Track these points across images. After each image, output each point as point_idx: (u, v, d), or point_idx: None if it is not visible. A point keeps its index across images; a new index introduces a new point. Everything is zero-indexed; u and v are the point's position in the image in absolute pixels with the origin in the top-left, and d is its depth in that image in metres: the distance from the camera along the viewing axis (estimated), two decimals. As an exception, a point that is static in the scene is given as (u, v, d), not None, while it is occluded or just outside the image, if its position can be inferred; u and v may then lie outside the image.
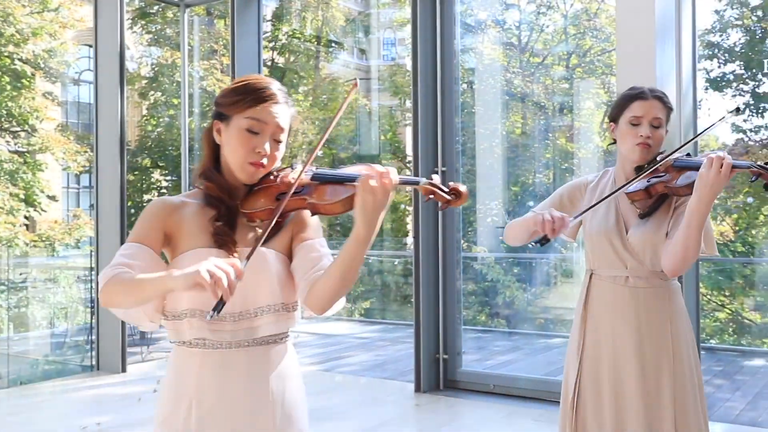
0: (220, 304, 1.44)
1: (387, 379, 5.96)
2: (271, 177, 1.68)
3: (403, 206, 10.56)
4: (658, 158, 2.27)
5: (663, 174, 2.21)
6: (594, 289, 2.35)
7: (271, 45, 11.98)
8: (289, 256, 1.69)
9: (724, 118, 2.20)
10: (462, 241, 8.87)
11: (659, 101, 2.30)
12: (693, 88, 4.53)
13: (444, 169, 5.38)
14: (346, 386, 5.84)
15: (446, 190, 1.55)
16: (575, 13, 10.80)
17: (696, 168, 2.10)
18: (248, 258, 1.52)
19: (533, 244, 2.25)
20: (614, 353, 2.29)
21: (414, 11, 5.35)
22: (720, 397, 5.40)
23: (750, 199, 8.82)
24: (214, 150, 1.71)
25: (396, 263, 11.18)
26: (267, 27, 11.88)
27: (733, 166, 2.00)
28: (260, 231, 1.62)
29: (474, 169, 9.12)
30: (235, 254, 1.60)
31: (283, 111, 1.67)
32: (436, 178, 1.56)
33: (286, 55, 12.07)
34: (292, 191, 1.58)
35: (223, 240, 1.62)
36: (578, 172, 9.19)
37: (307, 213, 1.67)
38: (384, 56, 11.94)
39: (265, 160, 1.65)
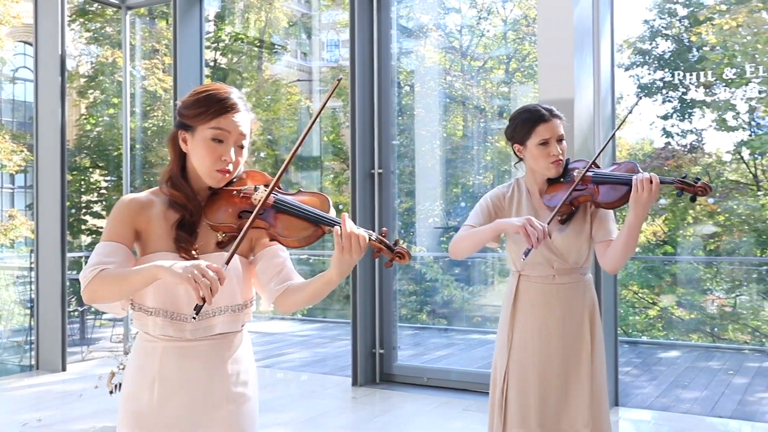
0: (200, 307, 1.58)
1: (326, 374, 6.09)
2: (234, 192, 1.79)
3: (341, 207, 10.68)
4: (570, 167, 2.52)
5: (584, 188, 2.43)
6: (522, 288, 2.55)
7: (213, 45, 11.97)
8: (247, 256, 1.85)
9: (630, 113, 2.49)
10: (402, 242, 9.07)
11: (558, 119, 2.52)
12: (612, 94, 4.78)
13: (381, 170, 5.54)
14: (286, 381, 5.95)
15: (395, 250, 1.72)
16: (515, 19, 11.05)
17: (614, 183, 2.37)
18: (227, 263, 1.66)
19: (523, 257, 2.40)
20: (541, 344, 2.51)
21: (352, 14, 5.50)
22: (637, 385, 5.72)
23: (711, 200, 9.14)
24: (180, 157, 1.81)
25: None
26: (210, 27, 11.87)
27: (661, 182, 2.26)
28: (222, 237, 1.78)
29: (414, 171, 9.31)
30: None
31: (245, 118, 1.78)
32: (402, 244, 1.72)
33: (229, 56, 12.07)
34: (255, 213, 1.70)
35: (184, 248, 1.74)
36: (516, 174, 9.45)
37: None
38: (327, 58, 12.04)
39: (230, 167, 1.77)
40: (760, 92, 8.15)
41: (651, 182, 2.25)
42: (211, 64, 11.99)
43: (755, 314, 8.62)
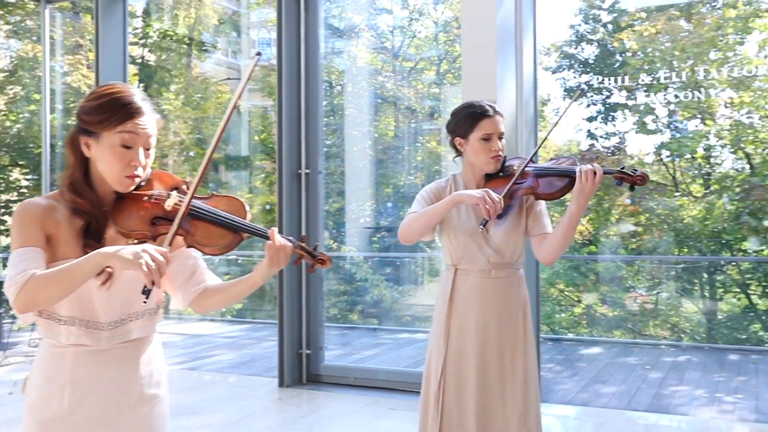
0: (149, 291, 1.55)
1: (253, 376, 6.02)
2: (144, 198, 1.73)
3: (269, 206, 10.60)
4: (506, 164, 2.58)
5: (523, 181, 2.49)
6: (459, 283, 2.58)
7: (141, 42, 11.71)
8: None
9: (569, 106, 2.59)
10: (332, 242, 9.05)
11: (500, 116, 2.58)
12: (534, 96, 4.88)
13: (308, 171, 5.52)
14: (211, 383, 5.87)
15: (316, 256, 1.78)
16: (446, 21, 11.17)
17: (555, 175, 2.44)
18: (170, 244, 1.64)
19: (481, 228, 2.45)
20: (479, 338, 2.54)
21: (279, 13, 5.46)
22: (559, 381, 5.86)
23: (628, 200, 9.40)
24: (82, 162, 1.73)
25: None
26: (138, 23, 11.61)
27: (604, 172, 2.35)
28: (134, 243, 1.70)
29: (344, 171, 9.31)
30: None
31: (151, 120, 1.72)
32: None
33: (158, 53, 11.83)
34: (177, 225, 1.66)
35: None
36: (446, 174, 9.55)
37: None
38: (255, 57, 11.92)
39: (140, 170, 1.72)
40: (676, 96, 8.45)
41: (594, 173, 2.34)
42: (139, 60, 11.74)
43: (675, 310, 8.95)
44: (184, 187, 1.79)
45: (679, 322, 8.89)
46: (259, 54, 1.78)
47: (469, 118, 2.55)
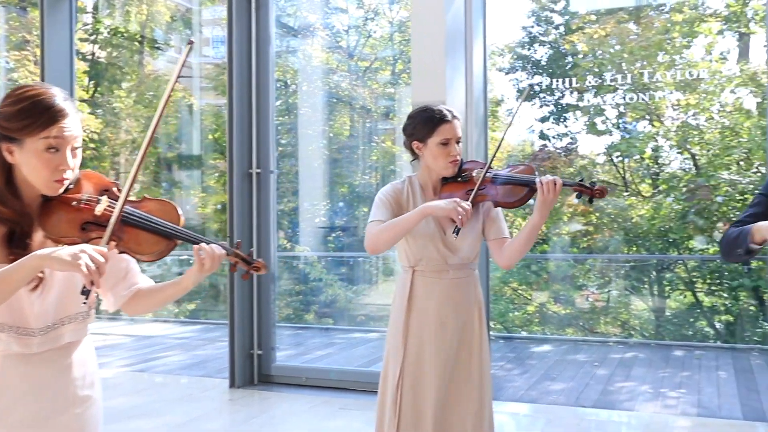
0: (88, 291, 1.51)
1: (204, 377, 5.96)
2: (74, 202, 1.68)
3: (221, 206, 10.52)
4: (464, 167, 2.62)
5: (482, 187, 2.52)
6: (417, 284, 2.60)
7: (92, 38, 11.50)
8: None
9: (519, 106, 2.66)
10: (286, 242, 9.02)
11: (457, 120, 2.59)
12: (484, 96, 4.93)
13: (259, 170, 5.49)
14: (162, 385, 5.79)
15: (252, 263, 1.80)
16: (401, 21, 11.19)
17: (515, 184, 2.48)
18: (107, 242, 1.60)
19: (454, 236, 2.45)
20: (437, 338, 2.57)
21: (229, 11, 5.40)
22: (510, 379, 5.94)
23: (575, 200, 9.54)
24: (4, 168, 1.66)
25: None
26: (88, 19, 11.39)
27: (563, 184, 2.40)
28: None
29: (298, 170, 9.27)
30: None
31: (75, 121, 1.66)
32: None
33: (108, 50, 11.63)
34: (109, 234, 1.62)
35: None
36: (402, 173, 9.59)
37: None
38: (210, 55, 11.80)
39: (68, 173, 1.66)
40: (625, 98, 8.61)
41: (555, 184, 2.38)
42: (89, 57, 11.52)
43: (624, 308, 9.12)
44: (115, 189, 1.74)
45: (629, 319, 9.07)
46: (191, 42, 1.74)
47: (427, 123, 2.56)
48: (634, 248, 9.14)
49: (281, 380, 5.49)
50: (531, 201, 2.53)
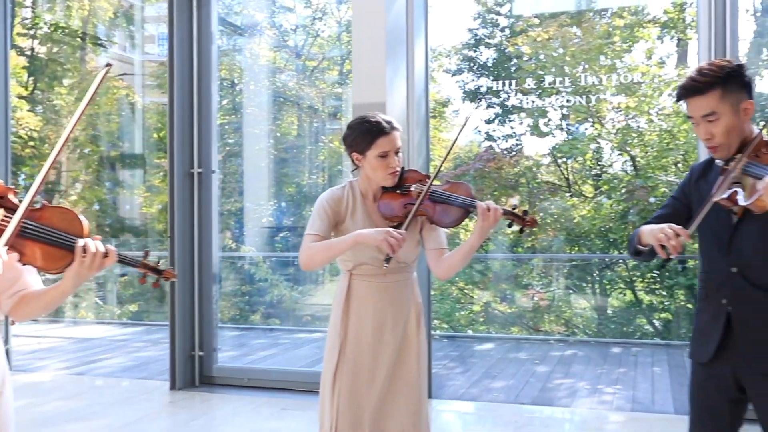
0: None
1: (145, 379, 5.88)
2: None
3: (164, 207, 10.38)
4: (404, 176, 2.64)
5: (421, 203, 2.54)
6: (355, 287, 2.62)
7: (31, 33, 11.23)
8: None
9: (465, 124, 2.68)
10: (231, 242, 8.94)
11: (396, 131, 2.60)
12: (425, 98, 4.97)
13: (200, 170, 5.43)
14: (101, 388, 5.69)
15: (161, 271, 1.77)
16: (349, 21, 11.18)
17: (452, 204, 2.52)
18: (6, 244, 1.56)
19: (385, 265, 2.47)
20: (374, 340, 2.60)
21: (170, 9, 5.34)
22: (451, 377, 6.00)
23: (514, 201, 9.67)
24: None
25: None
26: (27, 13, 11.12)
27: (503, 213, 2.45)
28: None
29: (245, 170, 9.20)
30: None
31: None
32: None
33: (49, 45, 11.36)
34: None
35: None
36: (349, 174, 9.54)
37: None
38: (154, 52, 11.63)
39: None
40: (568, 100, 8.78)
41: (496, 213, 2.43)
42: (29, 53, 11.25)
43: (568, 307, 9.30)
44: (11, 196, 1.68)
45: (572, 317, 9.24)
46: (108, 65, 1.72)
47: (366, 135, 2.57)
48: (577, 248, 9.32)
49: (223, 381, 5.45)
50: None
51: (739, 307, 2.14)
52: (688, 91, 2.11)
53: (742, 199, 1.96)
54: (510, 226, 2.51)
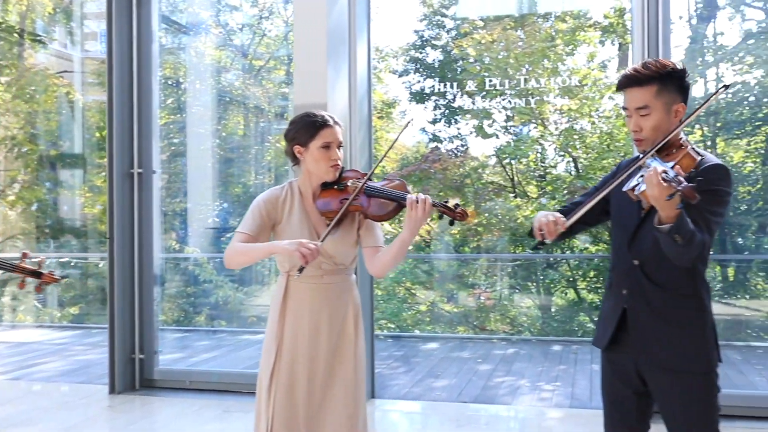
0: None
1: (84, 384, 5.77)
2: None
3: (102, 207, 10.18)
4: (343, 175, 2.66)
5: (356, 198, 2.55)
6: (292, 288, 2.62)
7: (-35, 28, 10.87)
8: None
9: (400, 134, 2.73)
10: (175, 243, 8.81)
11: (339, 126, 2.64)
12: (368, 99, 4.99)
13: (140, 170, 5.35)
14: (38, 393, 5.56)
15: (41, 274, 1.69)
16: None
17: (386, 198, 2.52)
18: None
19: (297, 274, 2.46)
20: (310, 343, 2.60)
21: (109, 4, 5.24)
22: (394, 377, 6.04)
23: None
24: None
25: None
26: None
27: (432, 204, 2.44)
28: None
29: (189, 170, 9.08)
30: None
31: None
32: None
33: (-16, 41, 11.02)
34: None
35: None
36: (294, 174, 9.51)
37: None
38: (97, 49, 11.39)
39: None
40: (512, 102, 8.90)
41: (424, 203, 2.42)
42: (-38, 48, 10.89)
43: (513, 306, 9.43)
44: None
45: (517, 316, 9.38)
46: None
47: (309, 127, 2.59)
48: (521, 248, 9.46)
49: (164, 384, 5.37)
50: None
51: (635, 300, 2.22)
52: (629, 80, 2.19)
53: (639, 189, 2.01)
54: (441, 218, 2.51)
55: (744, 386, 5.42)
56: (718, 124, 8.10)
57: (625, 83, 2.20)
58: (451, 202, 2.53)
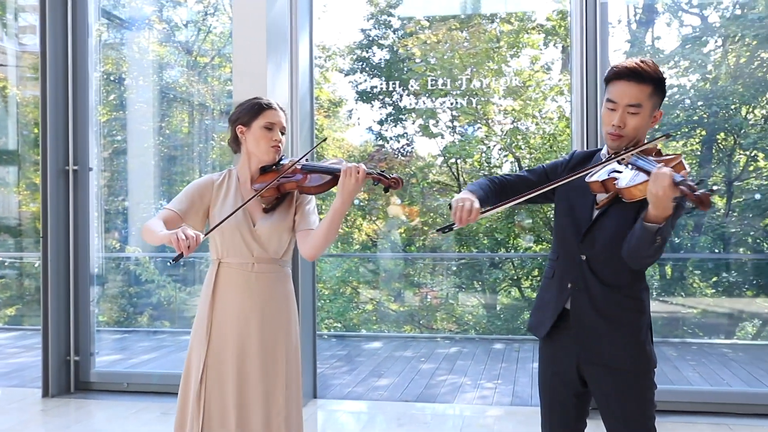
0: None
1: (16, 387, 5.59)
2: None
3: (37, 205, 9.92)
4: (281, 162, 2.65)
5: (292, 175, 2.54)
6: (222, 276, 2.58)
7: None
8: None
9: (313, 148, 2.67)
10: (115, 242, 8.63)
11: (283, 112, 2.69)
12: (310, 97, 4.96)
13: (76, 167, 5.22)
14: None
15: None
16: (243, 18, 10.98)
17: (321, 171, 2.53)
18: None
19: (170, 262, 2.41)
20: (239, 332, 2.55)
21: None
22: (336, 376, 6.02)
23: (398, 201, 9.77)
24: None
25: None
26: None
27: (366, 173, 2.46)
28: None
29: (131, 168, 8.89)
30: None
31: None
32: None
33: None
34: None
35: None
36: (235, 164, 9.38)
37: None
38: (36, 44, 11.08)
39: None
40: (457, 102, 8.97)
41: (358, 171, 2.44)
42: None
43: (459, 305, 9.50)
44: None
45: (463, 315, 9.45)
46: None
47: (254, 107, 2.64)
48: (465, 247, 9.54)
49: (101, 387, 5.26)
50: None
51: (580, 294, 2.23)
52: (632, 72, 2.14)
53: (620, 183, 2.03)
54: (375, 185, 2.52)
55: (679, 381, 5.57)
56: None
57: (626, 74, 2.14)
58: (388, 173, 2.55)
